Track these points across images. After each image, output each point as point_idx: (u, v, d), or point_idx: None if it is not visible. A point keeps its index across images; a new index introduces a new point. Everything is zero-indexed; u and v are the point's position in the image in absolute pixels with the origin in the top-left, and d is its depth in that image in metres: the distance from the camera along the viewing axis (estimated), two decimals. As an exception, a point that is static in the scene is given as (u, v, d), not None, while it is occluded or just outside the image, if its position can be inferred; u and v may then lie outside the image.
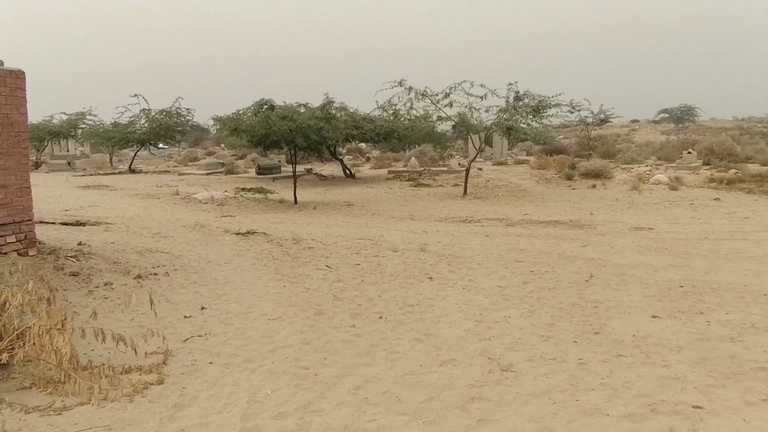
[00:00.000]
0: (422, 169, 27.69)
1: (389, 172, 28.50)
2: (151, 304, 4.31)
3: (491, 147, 34.63)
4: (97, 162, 38.81)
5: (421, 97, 18.74)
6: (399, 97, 18.94)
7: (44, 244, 8.65)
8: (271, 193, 20.05)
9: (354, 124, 24.43)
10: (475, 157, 22.31)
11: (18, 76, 6.21)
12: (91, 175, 29.43)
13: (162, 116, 31.51)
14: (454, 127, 23.64)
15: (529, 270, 7.90)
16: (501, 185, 20.85)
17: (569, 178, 22.34)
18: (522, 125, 19.38)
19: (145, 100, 31.02)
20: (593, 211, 15.35)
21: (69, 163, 35.67)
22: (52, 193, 19.78)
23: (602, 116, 38.32)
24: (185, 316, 5.43)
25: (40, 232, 10.64)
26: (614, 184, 20.96)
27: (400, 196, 19.78)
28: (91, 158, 42.88)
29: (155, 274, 6.79)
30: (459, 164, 30.44)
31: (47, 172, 31.41)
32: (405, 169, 28.97)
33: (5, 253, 6.27)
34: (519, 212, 15.32)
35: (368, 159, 42.08)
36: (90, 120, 35.54)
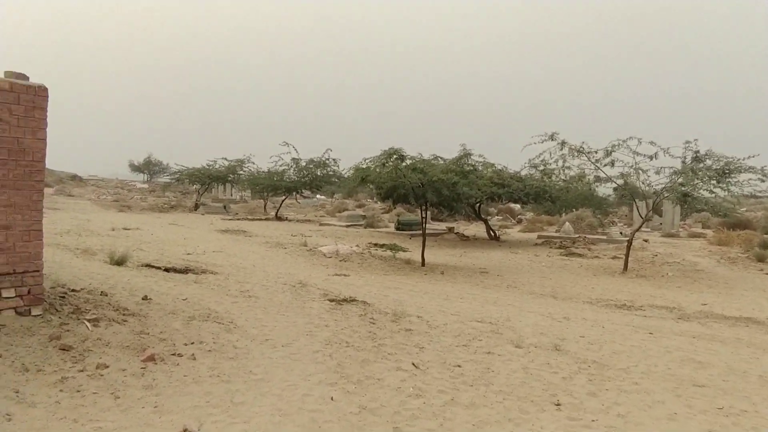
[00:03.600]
0: (577, 236, 24.63)
1: (539, 237, 25.76)
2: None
3: (660, 216, 30.50)
4: (251, 207, 40.06)
5: (576, 153, 16.20)
6: (551, 154, 16.55)
7: (107, 295, 7.47)
8: (403, 251, 18.39)
9: (500, 181, 22.26)
10: (641, 226, 19.04)
11: (38, 93, 5.02)
12: (238, 219, 29.90)
13: (311, 166, 31.54)
14: (615, 190, 20.53)
15: (715, 405, 5.20)
16: (671, 262, 17.39)
17: (761, 259, 18.22)
18: (702, 192, 16.01)
19: (295, 149, 31.29)
20: (800, 307, 11.70)
21: (225, 207, 37.06)
22: (189, 235, 19.70)
23: (802, 187, 32.41)
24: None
25: (127, 280, 9.73)
26: (824, 272, 16.63)
27: (546, 266, 17.11)
28: (248, 203, 44.62)
29: (179, 355, 5.15)
30: (621, 233, 26.87)
31: (203, 214, 32.56)
32: (557, 234, 26.05)
33: (-1, 312, 4.96)
34: (695, 301, 12.10)
35: (519, 221, 39.30)
36: (248, 167, 36.61)
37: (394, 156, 13.99)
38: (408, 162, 14.46)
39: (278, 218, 31.52)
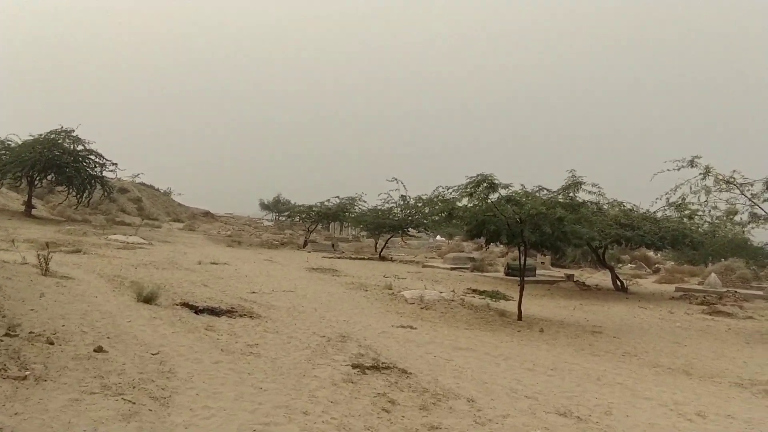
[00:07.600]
0: (725, 290, 20.31)
1: (677, 290, 21.68)
2: None
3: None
4: (360, 246, 38.64)
5: (724, 185, 12.75)
6: (691, 187, 13.21)
7: (52, 344, 5.69)
8: (504, 299, 15.71)
9: (628, 222, 18.81)
10: (814, 282, 14.87)
11: None
12: (339, 257, 28.40)
13: (419, 204, 29.50)
14: (778, 235, 16.45)
15: None
16: None
17: None
18: None
19: (404, 185, 29.39)
20: None
21: (332, 245, 35.91)
22: (274, 272, 18.30)
23: None
24: None
25: (127, 322, 8.00)
26: None
27: (682, 327, 13.55)
28: (360, 242, 43.32)
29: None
30: (784, 289, 22.03)
31: (309, 251, 31.49)
32: (699, 287, 21.82)
33: None
34: None
35: (656, 270, 34.50)
36: (359, 205, 35.27)
37: (483, 184, 11.45)
38: (501, 192, 11.84)
39: (381, 258, 29.67)
